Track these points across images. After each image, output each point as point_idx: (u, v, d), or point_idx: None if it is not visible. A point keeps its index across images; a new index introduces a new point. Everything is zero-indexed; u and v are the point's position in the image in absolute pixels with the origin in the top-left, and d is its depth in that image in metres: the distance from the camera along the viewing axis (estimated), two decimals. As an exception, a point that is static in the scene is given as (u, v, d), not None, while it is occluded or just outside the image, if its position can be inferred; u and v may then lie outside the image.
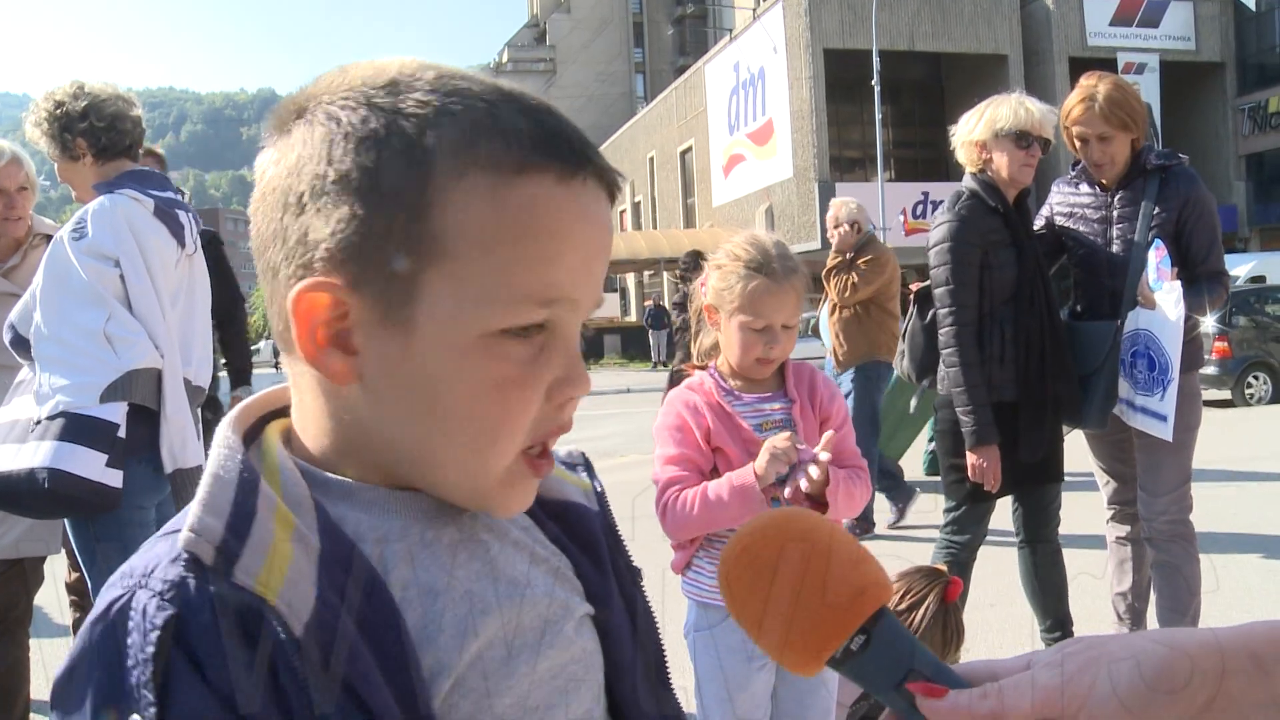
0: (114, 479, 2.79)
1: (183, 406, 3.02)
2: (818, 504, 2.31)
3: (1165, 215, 3.64)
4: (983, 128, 3.65)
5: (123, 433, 2.82)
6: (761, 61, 33.29)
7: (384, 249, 0.69)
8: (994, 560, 4.50)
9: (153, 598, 0.65)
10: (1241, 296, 14.51)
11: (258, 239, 0.75)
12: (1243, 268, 18.39)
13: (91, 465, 2.75)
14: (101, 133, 3.04)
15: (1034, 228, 3.87)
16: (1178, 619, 3.72)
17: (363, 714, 0.67)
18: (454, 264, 0.70)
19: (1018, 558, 3.90)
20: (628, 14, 70.87)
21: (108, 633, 0.66)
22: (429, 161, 0.69)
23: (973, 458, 3.58)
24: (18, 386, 3.01)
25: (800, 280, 2.39)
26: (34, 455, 2.75)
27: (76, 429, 2.76)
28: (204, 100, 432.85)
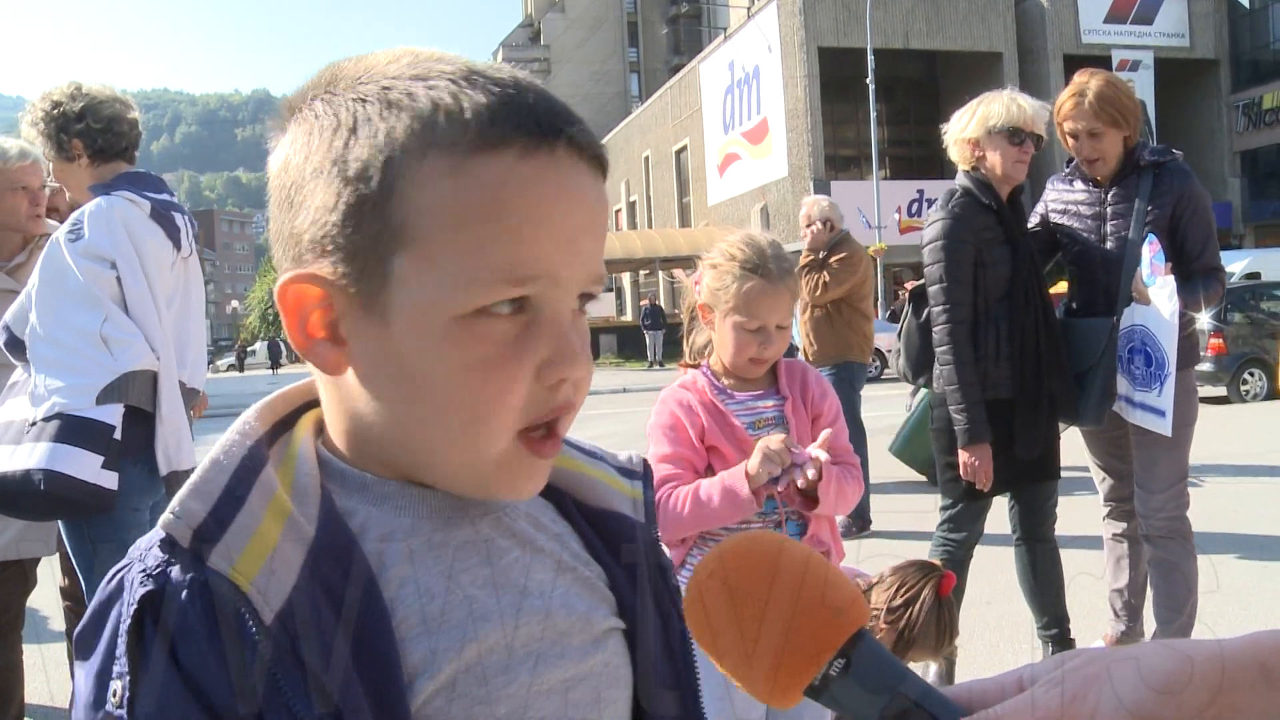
0: (109, 481, 2.79)
1: (178, 408, 3.02)
2: (810, 500, 2.31)
3: (1159, 211, 3.64)
4: (975, 125, 3.65)
5: (118, 434, 2.82)
6: (756, 60, 33.29)
7: (355, 236, 0.70)
8: (990, 558, 4.50)
9: (140, 573, 0.69)
10: (1237, 293, 14.53)
11: (270, 239, 0.77)
12: (1238, 264, 18.41)
13: (87, 467, 2.75)
14: (98, 134, 3.03)
15: (1028, 225, 3.87)
16: (1174, 616, 3.73)
17: (328, 707, 0.67)
18: (421, 247, 0.69)
19: (1014, 555, 3.91)
20: (622, 13, 70.79)
21: (109, 598, 0.70)
22: (391, 145, 0.69)
23: (965, 456, 3.58)
24: (12, 388, 3.01)
25: (795, 281, 2.40)
26: (29, 457, 2.74)
27: (72, 430, 2.76)
28: (199, 102, 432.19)
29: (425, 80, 0.71)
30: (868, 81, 26.89)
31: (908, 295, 3.97)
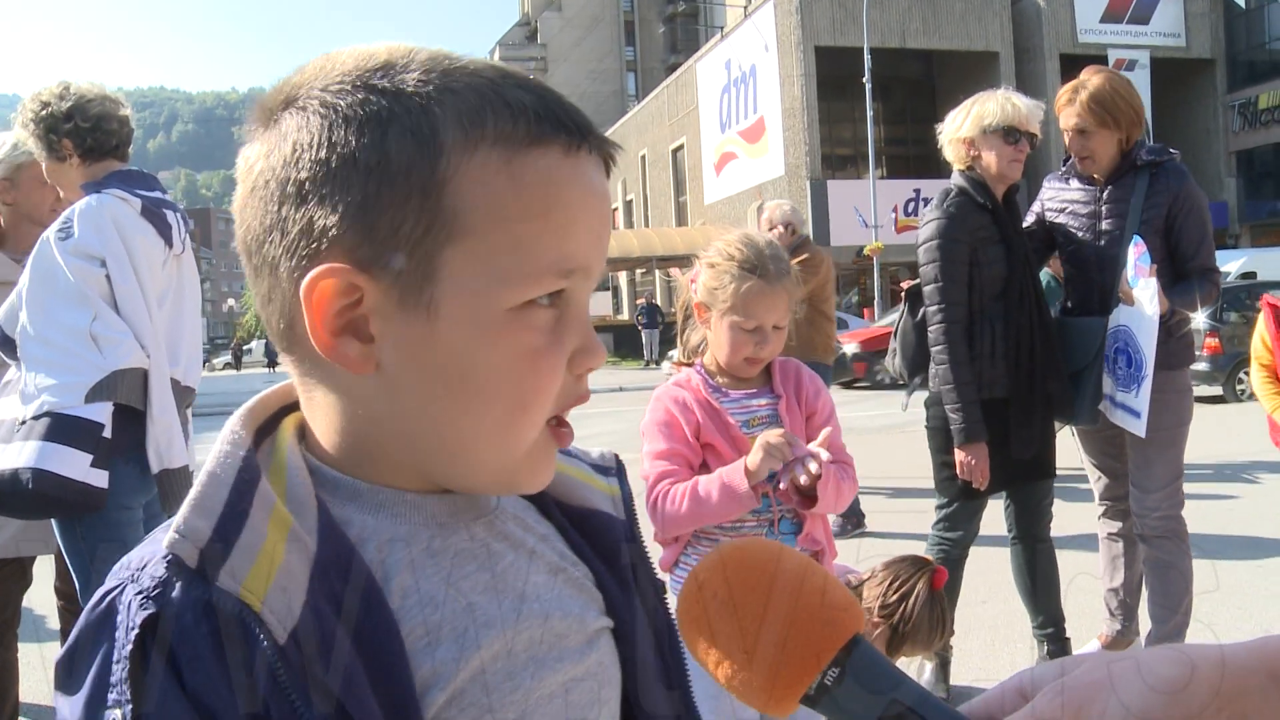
0: (99, 479, 2.78)
1: (169, 407, 3.00)
2: (807, 499, 2.31)
3: (1154, 211, 3.64)
4: (970, 124, 3.65)
5: (108, 433, 2.81)
6: (753, 59, 33.31)
7: (398, 229, 0.68)
8: (986, 557, 4.50)
9: (138, 594, 0.65)
10: (1233, 293, 14.54)
11: (249, 236, 0.72)
12: (1234, 264, 18.45)
13: (76, 465, 2.74)
14: (87, 133, 3.02)
15: (1024, 224, 3.87)
16: (1169, 615, 3.72)
17: None
18: (472, 241, 0.69)
19: (1010, 554, 3.91)
20: (619, 12, 70.82)
21: (100, 622, 0.66)
22: (438, 139, 0.68)
23: (961, 455, 3.58)
24: (5, 387, 3.00)
25: (791, 281, 2.40)
26: (18, 455, 2.74)
27: (61, 429, 2.75)
28: (195, 100, 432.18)
29: (460, 75, 0.70)
30: (864, 81, 26.93)
31: (903, 295, 3.97)
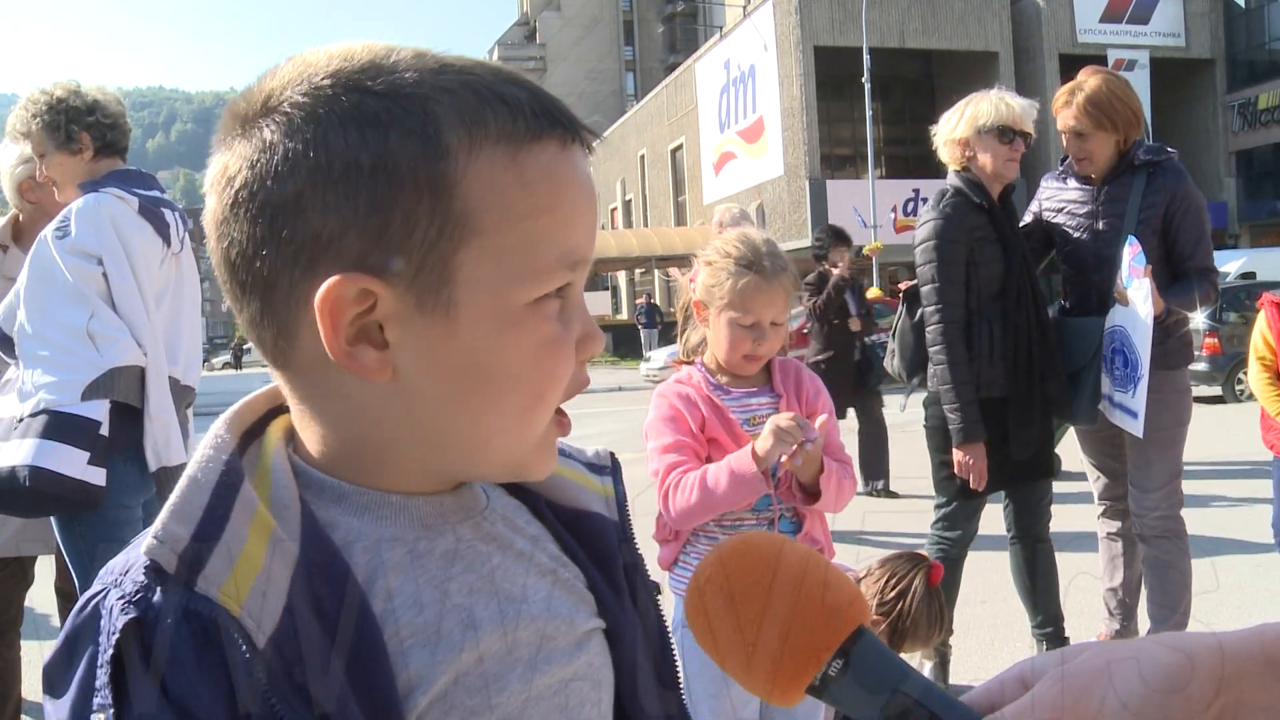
0: (96, 477, 2.78)
1: (166, 405, 3.01)
2: (810, 495, 2.32)
3: (1152, 211, 3.64)
4: (965, 125, 3.65)
5: (105, 430, 2.81)
6: (752, 59, 33.29)
7: (411, 233, 0.67)
8: (986, 557, 4.50)
9: (120, 599, 0.65)
10: (1232, 293, 14.54)
11: (234, 252, 0.69)
12: (1233, 264, 18.43)
13: (73, 463, 2.74)
14: (107, 129, 3.07)
15: (1022, 223, 3.88)
16: (1168, 614, 3.73)
17: None
18: (485, 240, 0.69)
19: (1009, 554, 3.91)
20: (618, 12, 70.79)
21: (85, 627, 0.66)
22: (442, 139, 0.67)
23: (959, 455, 3.58)
24: (3, 385, 3.00)
25: (789, 278, 2.41)
26: (15, 453, 2.74)
27: (58, 426, 2.75)
28: (194, 99, 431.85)
29: (452, 73, 0.70)
30: (863, 80, 26.88)
31: (901, 295, 3.97)
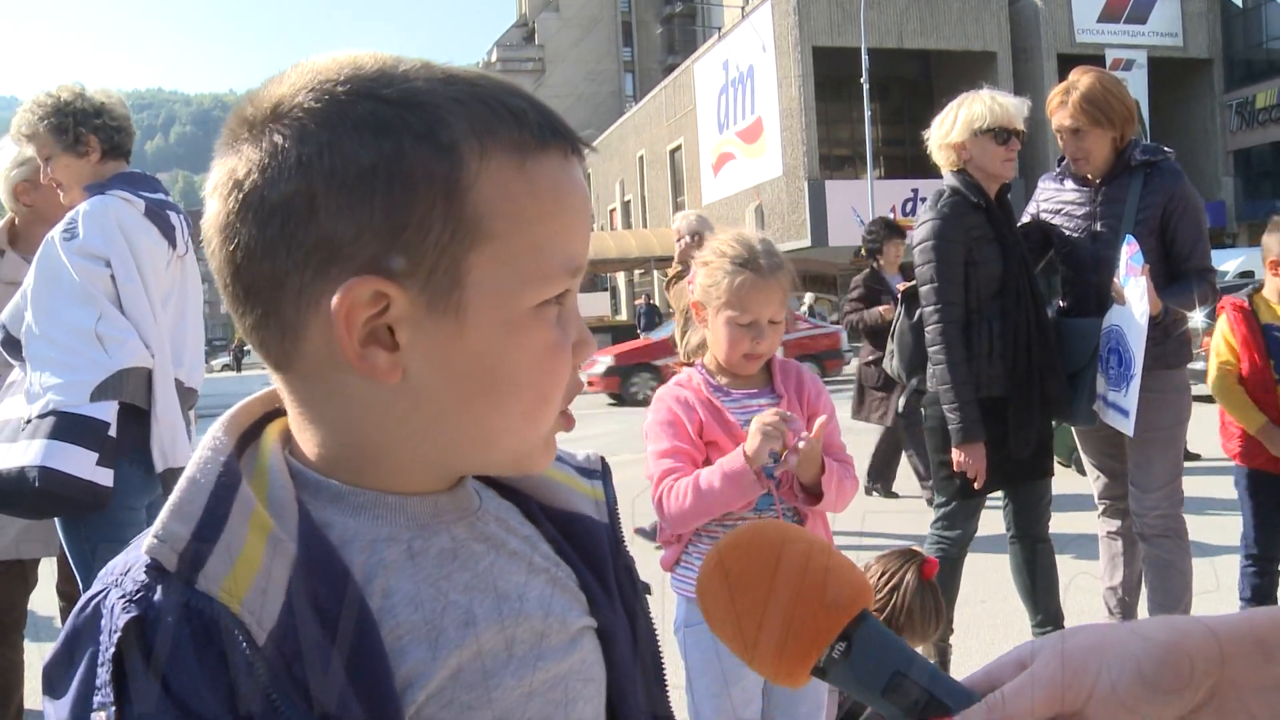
0: (104, 478, 2.80)
1: (173, 406, 3.02)
2: (813, 495, 2.33)
3: (1149, 211, 3.65)
4: (960, 129, 3.66)
5: (113, 431, 2.82)
6: (750, 60, 33.30)
7: (425, 237, 0.69)
8: (986, 556, 4.51)
9: (121, 598, 0.66)
10: (1230, 292, 14.54)
11: (240, 255, 0.70)
12: (1231, 263, 18.42)
13: (82, 464, 2.75)
14: (113, 131, 3.09)
15: (1020, 223, 3.88)
16: (1169, 614, 3.74)
17: None
18: (495, 244, 0.71)
19: (1009, 553, 3.92)
20: (616, 13, 70.77)
21: (85, 627, 0.67)
22: (456, 147, 0.70)
23: (958, 455, 3.59)
24: (9, 387, 3.01)
25: (785, 275, 2.42)
26: (24, 454, 2.75)
27: (67, 427, 2.76)
28: (193, 101, 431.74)
29: (460, 83, 0.72)
30: (862, 81, 26.87)
31: (900, 296, 3.98)
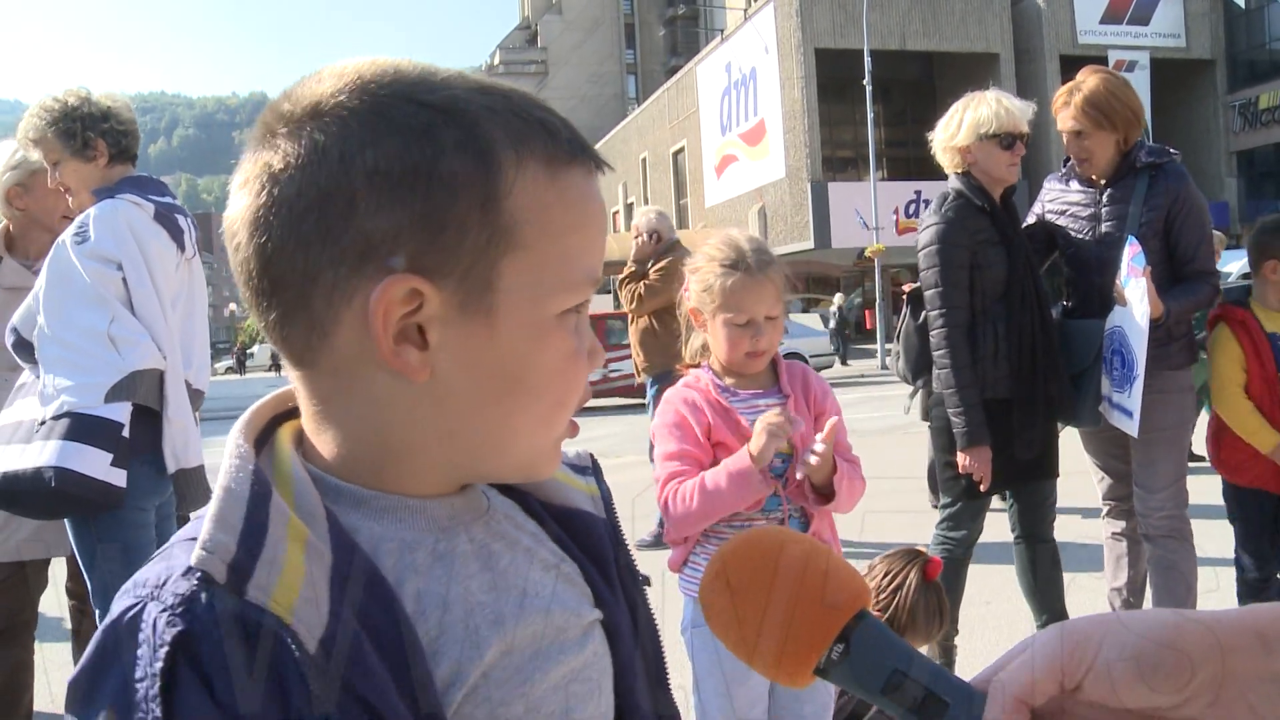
0: (118, 478, 2.81)
1: (185, 407, 3.05)
2: (823, 496, 2.34)
3: (1154, 213, 3.65)
4: (965, 133, 3.65)
5: (126, 432, 2.84)
6: (753, 62, 33.33)
7: (463, 240, 0.71)
8: (991, 557, 4.51)
9: (163, 612, 0.65)
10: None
11: (271, 249, 0.71)
12: (1235, 264, 18.34)
13: (97, 464, 2.77)
14: (121, 136, 3.10)
15: (1025, 224, 3.88)
16: (1172, 611, 3.74)
17: None
18: (526, 251, 0.74)
19: (1014, 554, 3.92)
20: (619, 15, 70.80)
21: (119, 642, 0.66)
22: (495, 155, 0.72)
23: (963, 458, 3.59)
24: (19, 389, 3.03)
25: (777, 272, 2.43)
26: (40, 454, 2.76)
27: (82, 428, 2.78)
28: (195, 104, 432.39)
29: (495, 95, 0.74)
30: (865, 83, 26.88)
31: (905, 298, 3.98)
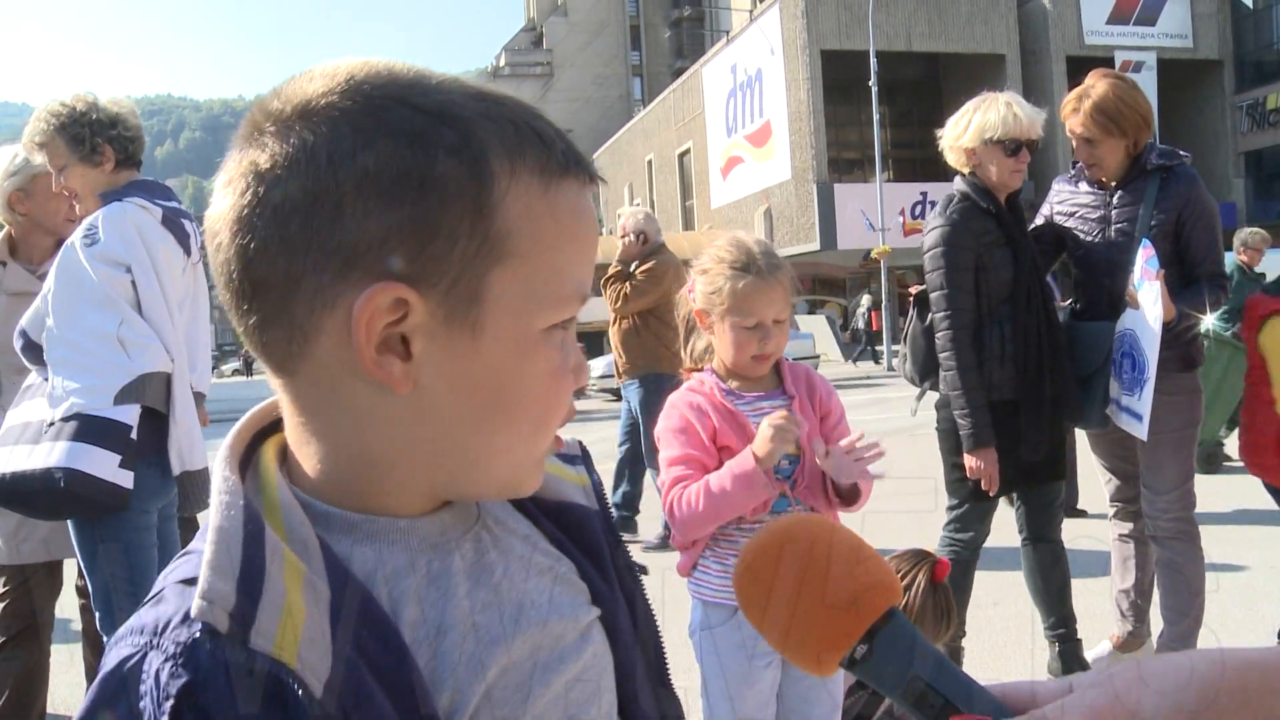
0: (126, 480, 2.82)
1: (190, 410, 3.06)
2: (846, 498, 2.34)
3: (1164, 216, 3.64)
4: (971, 135, 3.65)
5: (135, 434, 2.85)
6: (759, 63, 33.33)
7: (452, 248, 0.69)
8: (997, 559, 4.50)
9: (166, 661, 0.63)
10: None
11: (251, 251, 0.69)
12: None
13: (105, 465, 2.78)
14: (128, 141, 3.12)
15: (1032, 225, 3.88)
16: (1180, 618, 3.73)
17: None
18: (516, 263, 0.72)
19: (1021, 556, 3.91)
20: (624, 17, 70.81)
21: (119, 692, 0.64)
22: (488, 163, 0.70)
23: (970, 460, 3.59)
24: (27, 390, 3.04)
25: (785, 275, 2.43)
26: (49, 455, 2.77)
27: (91, 430, 2.78)
28: (202, 107, 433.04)
29: (491, 102, 0.73)
30: (870, 84, 26.87)
31: (911, 300, 3.98)
